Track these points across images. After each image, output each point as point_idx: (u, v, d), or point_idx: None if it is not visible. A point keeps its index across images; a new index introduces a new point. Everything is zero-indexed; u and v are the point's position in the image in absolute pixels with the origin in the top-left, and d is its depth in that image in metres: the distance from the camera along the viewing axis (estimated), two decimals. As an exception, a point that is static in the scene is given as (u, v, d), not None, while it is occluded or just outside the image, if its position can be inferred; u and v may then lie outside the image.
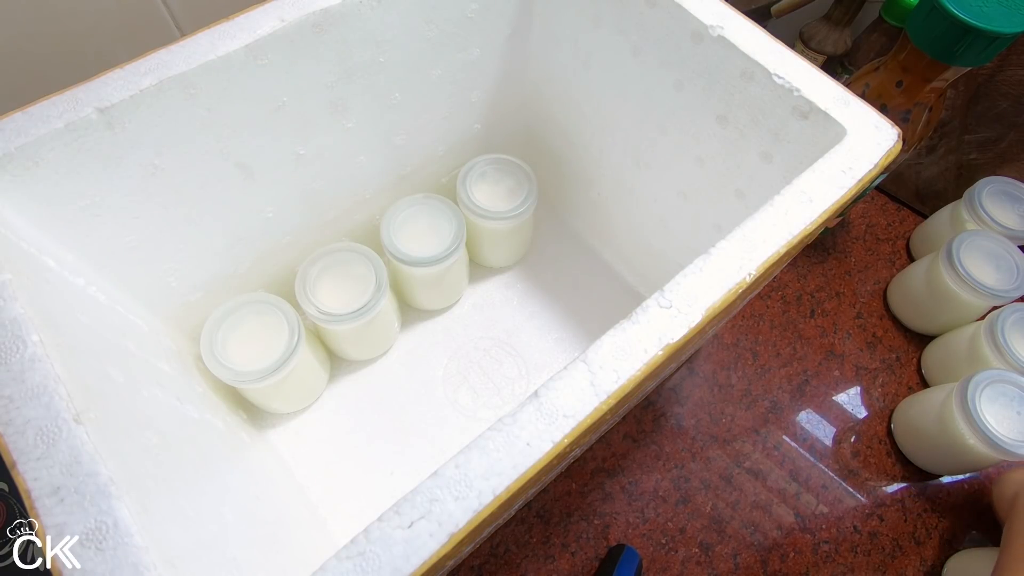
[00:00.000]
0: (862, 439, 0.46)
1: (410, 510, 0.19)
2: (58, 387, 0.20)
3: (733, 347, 0.49)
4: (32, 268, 0.24)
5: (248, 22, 0.29)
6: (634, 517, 0.42)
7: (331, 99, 0.34)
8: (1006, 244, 0.45)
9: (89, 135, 0.27)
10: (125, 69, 0.27)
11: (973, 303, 0.45)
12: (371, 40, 0.34)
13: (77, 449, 0.19)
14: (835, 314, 0.51)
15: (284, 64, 0.31)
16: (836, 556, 0.42)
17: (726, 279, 0.24)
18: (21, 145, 0.25)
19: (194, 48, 0.28)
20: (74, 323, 0.24)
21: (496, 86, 0.44)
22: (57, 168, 0.27)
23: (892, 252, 0.55)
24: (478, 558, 0.40)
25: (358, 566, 0.18)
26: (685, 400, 0.46)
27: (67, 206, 0.28)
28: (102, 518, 0.18)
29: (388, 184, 0.43)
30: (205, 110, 0.30)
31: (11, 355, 0.20)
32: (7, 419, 0.19)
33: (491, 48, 0.41)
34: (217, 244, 0.37)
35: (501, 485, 0.19)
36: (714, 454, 0.44)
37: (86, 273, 0.30)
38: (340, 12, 0.31)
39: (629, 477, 0.43)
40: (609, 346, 0.22)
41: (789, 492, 0.44)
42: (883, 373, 0.49)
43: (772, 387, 0.47)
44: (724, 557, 0.41)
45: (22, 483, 0.18)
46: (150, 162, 0.30)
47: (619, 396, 0.21)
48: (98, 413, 0.21)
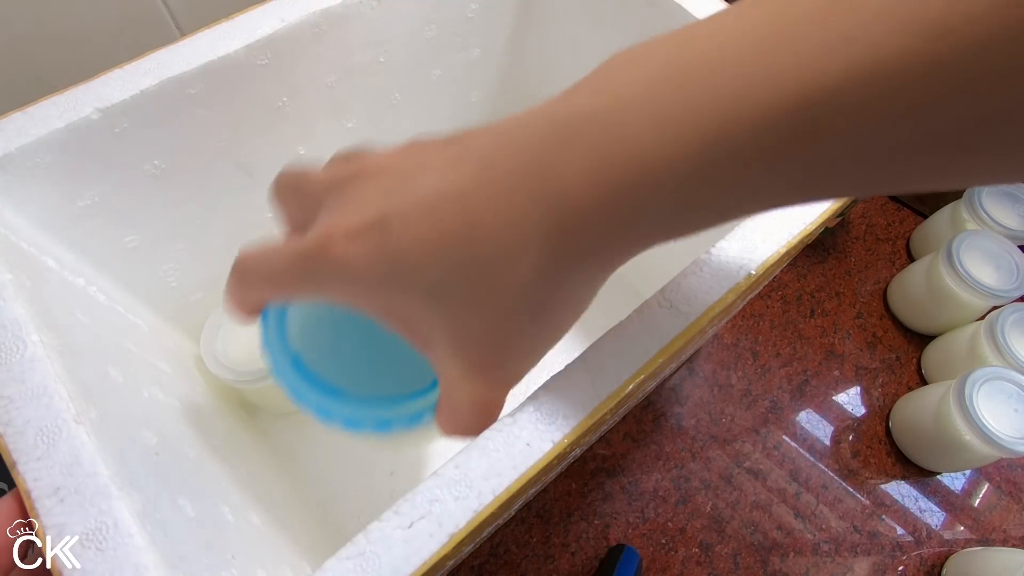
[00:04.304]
0: (862, 439, 0.46)
1: (410, 510, 0.19)
2: (58, 387, 0.20)
3: (733, 347, 0.49)
4: (32, 268, 0.24)
5: (248, 22, 0.29)
6: (634, 517, 0.42)
7: (331, 99, 0.34)
8: (1006, 244, 0.45)
9: (89, 135, 0.27)
10: (125, 69, 0.27)
11: (973, 303, 0.45)
12: (371, 40, 0.34)
13: (77, 449, 0.19)
14: (835, 314, 0.51)
15: (284, 64, 0.31)
16: (836, 556, 0.42)
17: (726, 279, 0.24)
18: (21, 145, 0.25)
19: (194, 48, 0.28)
20: (74, 323, 0.24)
21: (496, 86, 0.44)
22: (57, 168, 0.27)
23: (892, 252, 0.55)
24: (478, 558, 0.40)
25: (358, 566, 0.18)
26: (685, 400, 0.46)
27: (67, 206, 0.28)
28: (102, 518, 0.18)
29: (388, 184, 0.43)
30: (205, 110, 0.30)
31: (11, 355, 0.20)
32: (7, 419, 0.19)
33: (491, 48, 0.41)
34: (217, 244, 0.37)
35: (501, 485, 0.19)
36: (714, 454, 0.44)
37: (86, 273, 0.30)
38: (340, 12, 0.31)
39: (629, 477, 0.43)
40: (609, 346, 0.22)
41: (789, 492, 0.44)
42: (883, 373, 0.49)
43: (772, 387, 0.47)
44: (724, 557, 0.41)
45: (22, 483, 0.18)
46: (150, 162, 0.30)
47: (619, 396, 0.21)
48: (98, 413, 0.21)
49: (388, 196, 0.17)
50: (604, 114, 0.14)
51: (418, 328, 0.18)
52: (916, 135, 0.13)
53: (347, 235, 0.17)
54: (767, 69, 0.13)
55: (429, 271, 0.17)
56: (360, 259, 0.17)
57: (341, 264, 0.17)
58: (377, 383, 0.24)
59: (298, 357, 0.24)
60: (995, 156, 0.13)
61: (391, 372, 0.24)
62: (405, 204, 0.17)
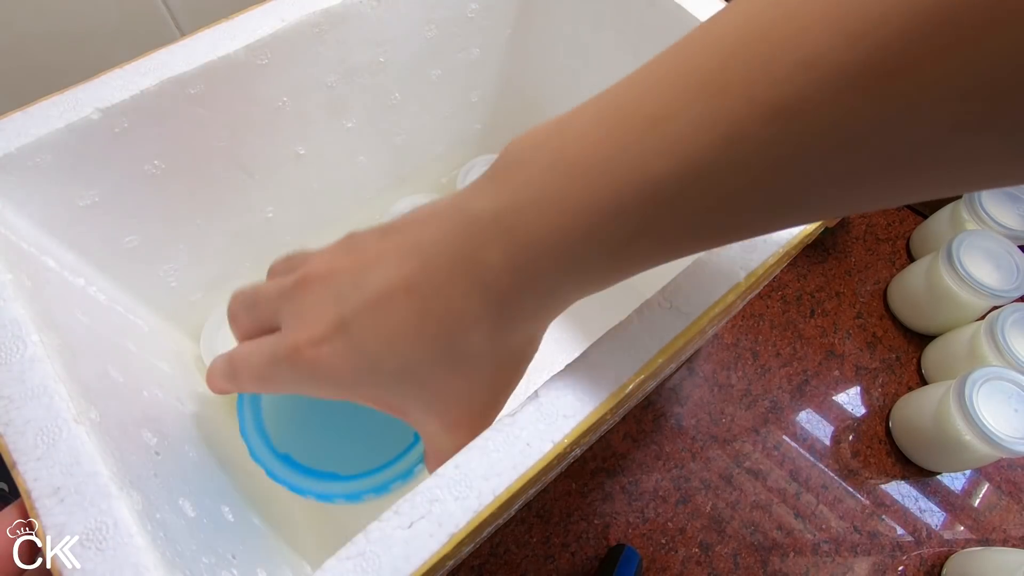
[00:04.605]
0: (862, 439, 0.46)
1: (410, 510, 0.19)
2: (58, 387, 0.20)
3: (733, 347, 0.49)
4: (32, 268, 0.24)
5: (248, 22, 0.29)
6: (634, 517, 0.42)
7: (331, 99, 0.34)
8: (1006, 244, 0.45)
9: (89, 135, 0.27)
10: (125, 69, 0.27)
11: (973, 303, 0.45)
12: (371, 40, 0.34)
13: (77, 449, 0.19)
14: (835, 314, 0.51)
15: (284, 64, 0.31)
16: (836, 556, 0.42)
17: (726, 279, 0.24)
18: (21, 145, 0.25)
19: (194, 48, 0.28)
20: (74, 323, 0.24)
21: (496, 86, 0.44)
22: (57, 168, 0.27)
23: (892, 252, 0.55)
24: (478, 558, 0.40)
25: (358, 566, 0.18)
26: (685, 400, 0.46)
27: (67, 206, 0.28)
28: (102, 518, 0.18)
29: (388, 184, 0.43)
30: (205, 110, 0.30)
31: (11, 355, 0.20)
32: (7, 419, 0.19)
33: (491, 48, 0.41)
34: (217, 244, 0.37)
35: (501, 485, 0.19)
36: (714, 454, 0.44)
37: (86, 273, 0.30)
38: (340, 12, 0.31)
39: (629, 477, 0.43)
40: (609, 346, 0.22)
41: (789, 492, 0.44)
42: (883, 373, 0.49)
43: (772, 387, 0.47)
44: (724, 557, 0.41)
45: (22, 483, 0.18)
46: (150, 162, 0.30)
47: (619, 396, 0.21)
48: (98, 413, 0.21)
49: (341, 300, 0.20)
50: (507, 215, 0.17)
51: (392, 403, 0.21)
52: (728, 217, 0.16)
53: (311, 342, 0.20)
54: (615, 169, 0.16)
55: (391, 359, 0.20)
56: (327, 360, 0.20)
57: (312, 367, 0.20)
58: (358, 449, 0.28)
59: (288, 456, 0.28)
60: (800, 216, 0.16)
61: (368, 436, 0.28)
62: (358, 304, 0.19)
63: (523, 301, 0.18)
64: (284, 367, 0.21)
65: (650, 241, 0.17)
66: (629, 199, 0.16)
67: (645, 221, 0.16)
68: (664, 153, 0.15)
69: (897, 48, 0.12)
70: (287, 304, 0.22)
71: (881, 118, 0.13)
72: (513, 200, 0.17)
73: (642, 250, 0.17)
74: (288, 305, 0.22)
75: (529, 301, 0.19)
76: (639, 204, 0.16)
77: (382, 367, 0.20)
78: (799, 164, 0.14)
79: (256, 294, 0.23)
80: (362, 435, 0.29)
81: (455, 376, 0.20)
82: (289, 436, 0.29)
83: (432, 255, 0.19)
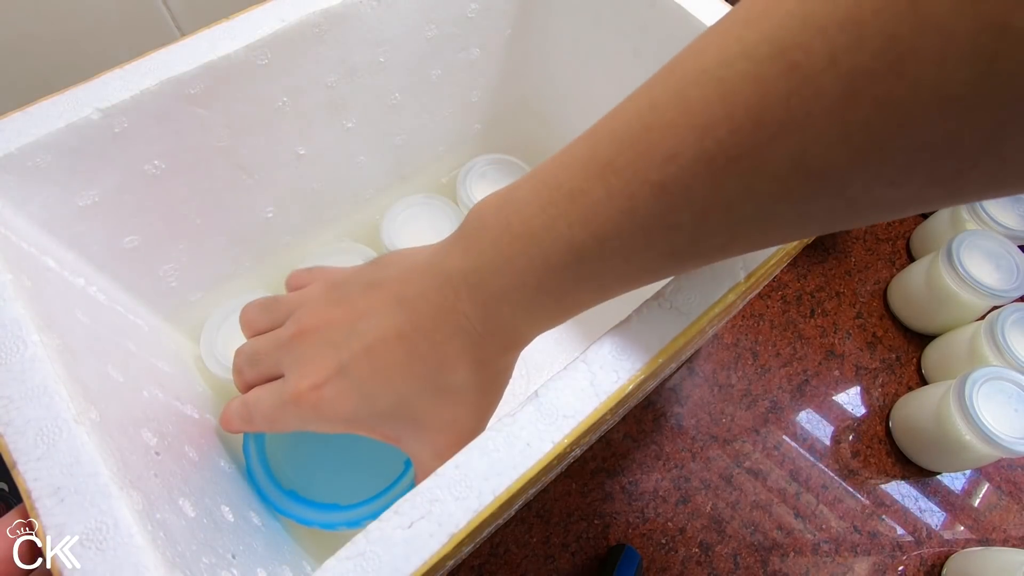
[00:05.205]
0: (862, 439, 0.46)
1: (410, 510, 0.19)
2: (58, 387, 0.20)
3: (733, 347, 0.49)
4: (32, 268, 0.24)
5: (248, 22, 0.29)
6: (634, 517, 0.42)
7: (331, 99, 0.34)
8: (1006, 244, 0.45)
9: (89, 135, 0.27)
10: (125, 69, 0.27)
11: (973, 303, 0.45)
12: (371, 40, 0.34)
13: (77, 449, 0.19)
14: (835, 314, 0.51)
15: (284, 64, 0.31)
16: (836, 556, 0.42)
17: (726, 279, 0.24)
18: (21, 145, 0.25)
19: (194, 48, 0.28)
20: (74, 323, 0.24)
21: (496, 86, 0.44)
22: (57, 168, 0.27)
23: (892, 252, 0.55)
24: (478, 558, 0.40)
25: (358, 566, 0.18)
26: (685, 400, 0.46)
27: (67, 206, 0.28)
28: (102, 518, 0.18)
29: (388, 184, 0.43)
30: (205, 110, 0.30)
31: (11, 355, 0.20)
32: (7, 419, 0.19)
33: (491, 48, 0.41)
34: (217, 244, 0.37)
35: (501, 485, 0.19)
36: (714, 454, 0.44)
37: (86, 273, 0.30)
38: (340, 12, 0.31)
39: (629, 477, 0.43)
40: (609, 346, 0.22)
41: (789, 492, 0.44)
42: (883, 373, 0.49)
43: (772, 387, 0.47)
44: (724, 557, 0.41)
45: (22, 483, 0.18)
46: (150, 162, 0.30)
47: (619, 396, 0.21)
48: (98, 413, 0.21)
49: (338, 348, 0.24)
50: (474, 274, 0.21)
51: (387, 433, 0.25)
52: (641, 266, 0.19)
53: (314, 385, 0.24)
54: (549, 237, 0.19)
55: (387, 395, 0.23)
56: (330, 399, 0.23)
57: (315, 406, 0.24)
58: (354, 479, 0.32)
59: (294, 492, 0.31)
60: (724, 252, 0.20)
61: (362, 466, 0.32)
62: (356, 350, 0.23)
63: (493, 340, 0.22)
64: (291, 408, 0.24)
65: (588, 288, 0.20)
66: (563, 260, 0.19)
67: (579, 275, 0.20)
68: (584, 222, 0.19)
69: (734, 141, 0.15)
70: (287, 355, 0.25)
71: (728, 191, 0.16)
72: (478, 262, 0.21)
73: (583, 295, 0.21)
74: (288, 355, 0.25)
75: (498, 340, 0.22)
76: (571, 263, 0.19)
77: (378, 402, 0.23)
78: (684, 225, 0.18)
79: (256, 350, 0.27)
80: (357, 466, 0.32)
81: (442, 406, 0.23)
82: (292, 471, 0.32)
83: (417, 307, 0.22)
